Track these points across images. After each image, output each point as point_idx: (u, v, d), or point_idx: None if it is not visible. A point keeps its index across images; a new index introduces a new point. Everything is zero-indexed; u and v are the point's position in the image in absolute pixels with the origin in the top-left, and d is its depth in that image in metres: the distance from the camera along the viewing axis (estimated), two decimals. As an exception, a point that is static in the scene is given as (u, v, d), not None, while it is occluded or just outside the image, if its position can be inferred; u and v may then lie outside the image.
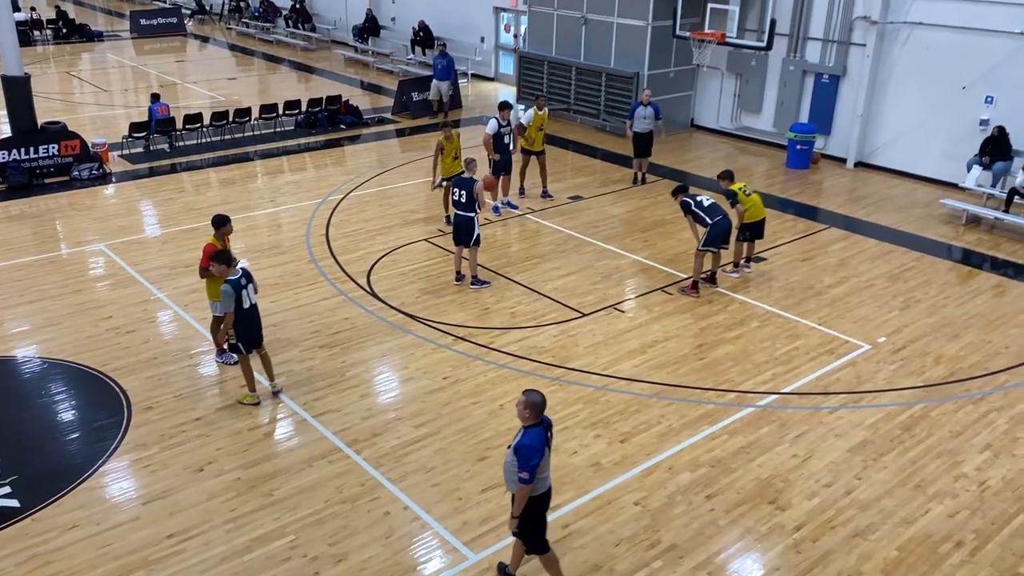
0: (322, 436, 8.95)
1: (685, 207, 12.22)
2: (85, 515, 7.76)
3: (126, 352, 10.49)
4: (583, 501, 8.03)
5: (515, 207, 15.62)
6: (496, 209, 15.27)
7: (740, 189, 12.54)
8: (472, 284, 12.38)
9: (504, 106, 15.01)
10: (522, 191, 16.01)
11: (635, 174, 17.31)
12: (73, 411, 9.39)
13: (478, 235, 12.20)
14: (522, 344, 10.87)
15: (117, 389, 9.71)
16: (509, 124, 15.06)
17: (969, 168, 15.93)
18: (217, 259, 9.05)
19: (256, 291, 9.29)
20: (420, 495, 8.07)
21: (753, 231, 12.82)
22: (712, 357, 10.67)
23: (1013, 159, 15.50)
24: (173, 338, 10.91)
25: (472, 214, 12.04)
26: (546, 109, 15.92)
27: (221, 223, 9.93)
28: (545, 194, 16.16)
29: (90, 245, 13.71)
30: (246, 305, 9.08)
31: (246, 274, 9.14)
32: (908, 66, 17.47)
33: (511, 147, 15.23)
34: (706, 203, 12.14)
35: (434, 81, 22.64)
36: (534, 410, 6.30)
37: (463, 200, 12.02)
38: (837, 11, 18.20)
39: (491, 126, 14.96)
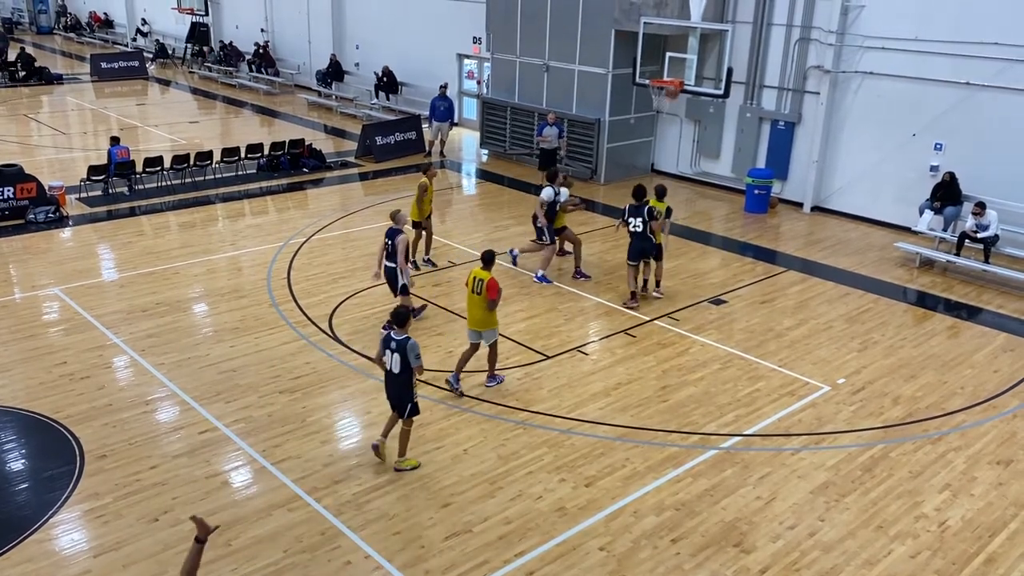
0: (282, 484, 8.77)
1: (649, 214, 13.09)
2: (34, 568, 7.48)
3: (80, 399, 10.23)
4: (548, 547, 7.94)
5: (549, 281, 14.28)
6: (543, 278, 14.29)
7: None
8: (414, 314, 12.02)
9: (552, 176, 14.50)
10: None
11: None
12: (23, 460, 9.10)
13: (403, 284, 11.79)
14: (486, 387, 10.81)
15: (70, 437, 9.44)
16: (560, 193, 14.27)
17: (921, 212, 16.34)
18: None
19: (398, 361, 8.65)
20: (382, 543, 7.92)
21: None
22: (675, 399, 10.70)
23: (963, 204, 15.93)
24: (129, 384, 10.68)
25: (394, 264, 11.71)
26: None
27: (491, 259, 10.55)
28: (579, 274, 14.61)
29: (44, 289, 13.43)
30: (388, 367, 8.76)
31: (388, 339, 8.70)
32: (861, 113, 17.97)
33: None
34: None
35: (434, 122, 22.95)
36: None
37: (390, 250, 11.72)
38: (791, 60, 18.72)
39: (547, 194, 14.13)
